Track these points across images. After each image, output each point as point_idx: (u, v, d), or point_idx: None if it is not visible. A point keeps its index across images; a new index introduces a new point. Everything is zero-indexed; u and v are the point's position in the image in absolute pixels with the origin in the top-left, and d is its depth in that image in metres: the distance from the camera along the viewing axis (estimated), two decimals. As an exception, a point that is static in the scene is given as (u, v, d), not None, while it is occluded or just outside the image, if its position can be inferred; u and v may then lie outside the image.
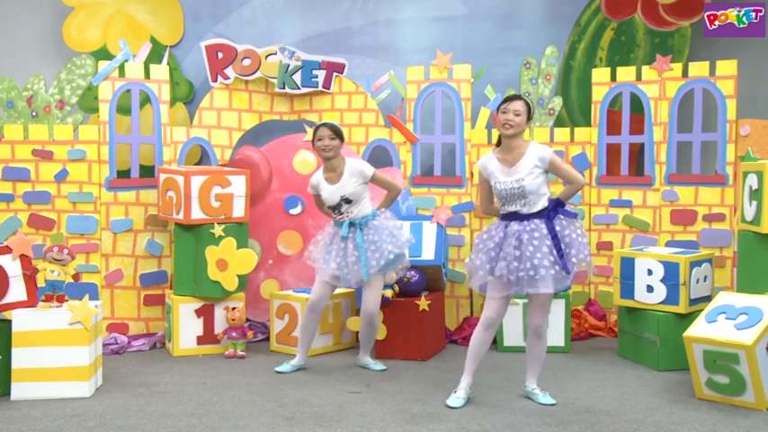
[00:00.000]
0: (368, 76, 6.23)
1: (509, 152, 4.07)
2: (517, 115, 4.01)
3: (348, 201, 4.77)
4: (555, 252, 3.95)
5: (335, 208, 4.82)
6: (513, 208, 4.05)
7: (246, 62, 5.96)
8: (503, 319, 4.23)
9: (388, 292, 5.19)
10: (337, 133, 4.80)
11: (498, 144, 4.15)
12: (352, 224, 4.77)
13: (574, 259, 3.99)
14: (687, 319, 4.80)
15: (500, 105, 4.09)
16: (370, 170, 4.80)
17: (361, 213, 4.79)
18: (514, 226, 4.03)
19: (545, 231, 3.98)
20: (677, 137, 5.77)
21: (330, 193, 4.80)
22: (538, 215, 4.02)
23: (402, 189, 4.98)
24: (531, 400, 4.23)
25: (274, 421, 3.91)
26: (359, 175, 4.77)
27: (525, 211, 4.02)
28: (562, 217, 4.05)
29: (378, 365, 4.97)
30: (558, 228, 4.00)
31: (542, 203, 4.03)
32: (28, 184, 5.57)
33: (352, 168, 4.79)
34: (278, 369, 4.89)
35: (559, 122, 6.23)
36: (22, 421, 3.92)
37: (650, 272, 5.03)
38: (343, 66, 6.09)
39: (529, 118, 4.07)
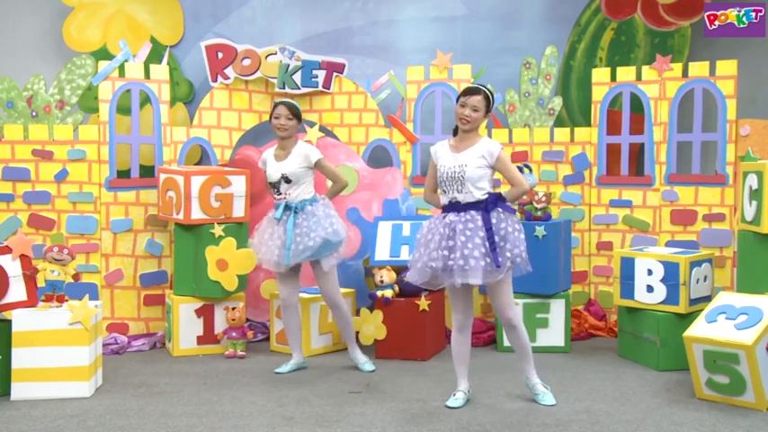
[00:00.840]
0: (368, 76, 6.23)
1: (461, 141, 4.08)
2: (475, 110, 3.99)
3: (288, 180, 4.72)
4: (487, 244, 3.91)
5: (276, 186, 4.77)
6: (450, 194, 4.01)
7: (246, 62, 5.97)
8: (473, 318, 4.22)
9: (389, 293, 5.20)
10: (295, 113, 4.76)
11: (455, 134, 4.15)
12: (288, 208, 4.72)
13: (508, 253, 3.94)
14: (687, 319, 4.80)
15: (459, 97, 4.07)
16: (315, 156, 4.74)
17: (299, 198, 4.73)
18: (451, 216, 4.00)
19: (480, 223, 3.93)
20: (677, 137, 5.77)
21: (274, 170, 4.77)
22: (474, 206, 3.98)
23: (347, 182, 4.89)
24: (532, 397, 4.21)
25: (274, 421, 3.91)
26: (303, 158, 4.72)
27: (461, 199, 3.98)
28: (500, 210, 4.00)
29: (367, 365, 4.94)
30: (494, 220, 3.95)
31: (479, 195, 3.98)
32: (28, 184, 5.57)
33: (299, 150, 4.75)
34: (277, 370, 4.89)
35: (559, 122, 6.23)
36: (22, 421, 3.93)
37: (650, 272, 5.03)
38: (343, 66, 6.09)
39: (487, 111, 4.06)
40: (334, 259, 4.78)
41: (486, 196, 3.99)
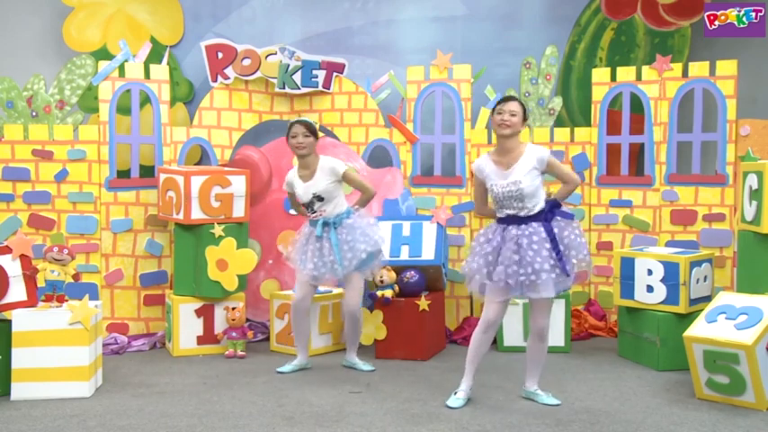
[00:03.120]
0: (368, 76, 6.23)
1: (505, 154, 4.05)
2: (513, 115, 3.99)
3: (320, 198, 4.74)
4: (554, 255, 3.93)
5: (309, 206, 4.79)
6: (510, 211, 4.01)
7: (246, 62, 5.96)
8: (502, 320, 4.23)
9: (389, 293, 5.20)
10: (311, 130, 4.76)
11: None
12: (326, 223, 4.74)
13: (574, 260, 3.98)
14: (687, 319, 4.80)
15: (495, 107, 4.08)
16: (341, 168, 4.76)
17: (335, 212, 4.75)
18: (513, 230, 3.99)
19: (543, 235, 3.95)
20: (677, 137, 5.77)
21: (304, 191, 4.77)
22: (535, 218, 3.99)
23: (375, 192, 4.92)
24: (532, 400, 4.22)
25: (274, 421, 3.91)
26: (331, 173, 4.73)
27: (523, 214, 3.99)
28: (560, 219, 4.03)
29: (366, 366, 4.96)
30: (556, 230, 3.98)
31: (540, 206, 4.01)
32: (28, 184, 5.57)
33: (324, 166, 4.75)
34: (279, 369, 4.89)
35: (559, 122, 6.23)
36: (22, 421, 3.92)
37: (650, 272, 5.03)
38: (343, 66, 6.09)
39: (524, 119, 4.06)
40: (376, 268, 4.91)
41: (544, 205, 4.02)
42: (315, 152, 4.82)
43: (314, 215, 4.78)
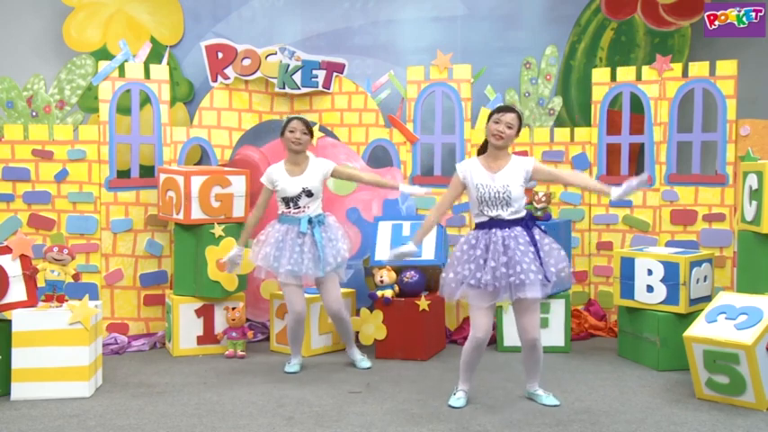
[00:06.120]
0: (368, 76, 6.23)
1: (494, 160, 4.07)
2: (509, 128, 4.01)
3: (309, 194, 4.75)
4: (537, 259, 3.94)
5: (293, 200, 4.76)
6: (494, 212, 4.00)
7: (246, 62, 5.97)
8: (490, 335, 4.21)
9: (389, 293, 5.20)
10: (309, 128, 4.81)
11: (480, 152, 4.16)
12: (309, 221, 4.75)
13: (552, 269, 3.97)
14: (687, 319, 4.80)
15: (492, 114, 4.08)
16: (331, 166, 4.84)
17: (317, 211, 4.79)
18: (498, 233, 3.99)
19: (528, 238, 3.97)
20: (677, 137, 5.77)
21: (291, 185, 4.74)
22: (517, 223, 4.01)
23: (371, 175, 5.03)
24: (533, 401, 4.22)
25: (274, 421, 3.91)
26: (322, 172, 4.79)
27: (507, 216, 3.99)
28: (538, 228, 4.07)
29: (364, 363, 4.96)
30: (537, 236, 4.01)
31: (522, 213, 4.04)
32: (28, 184, 5.57)
33: (317, 164, 4.81)
34: (289, 370, 4.88)
35: (559, 122, 6.23)
36: (22, 421, 3.93)
37: (650, 272, 5.03)
38: (343, 66, 6.09)
39: (518, 131, 4.08)
40: (343, 275, 4.96)
41: (525, 213, 4.05)
42: (306, 151, 4.86)
43: (297, 211, 4.77)
